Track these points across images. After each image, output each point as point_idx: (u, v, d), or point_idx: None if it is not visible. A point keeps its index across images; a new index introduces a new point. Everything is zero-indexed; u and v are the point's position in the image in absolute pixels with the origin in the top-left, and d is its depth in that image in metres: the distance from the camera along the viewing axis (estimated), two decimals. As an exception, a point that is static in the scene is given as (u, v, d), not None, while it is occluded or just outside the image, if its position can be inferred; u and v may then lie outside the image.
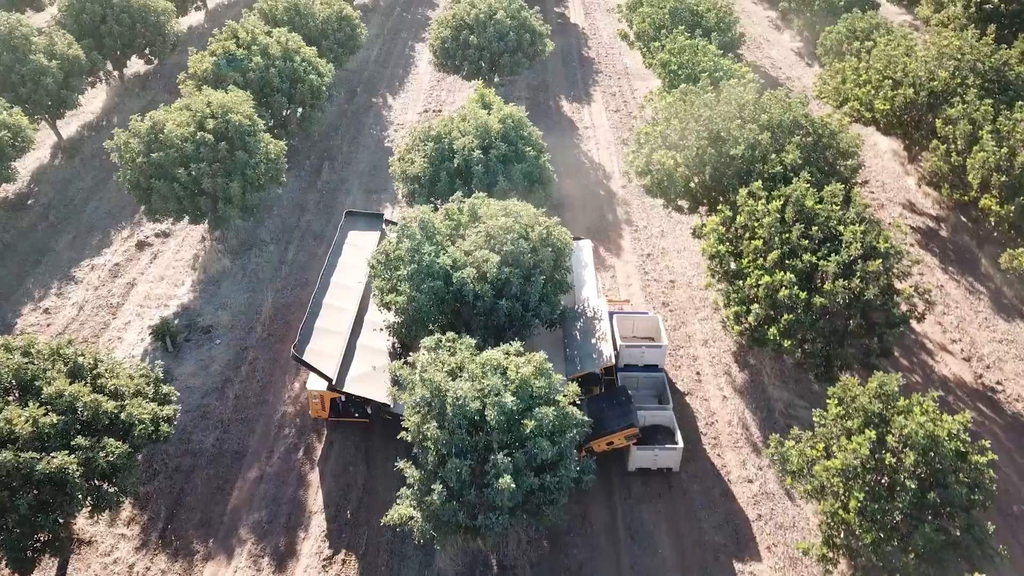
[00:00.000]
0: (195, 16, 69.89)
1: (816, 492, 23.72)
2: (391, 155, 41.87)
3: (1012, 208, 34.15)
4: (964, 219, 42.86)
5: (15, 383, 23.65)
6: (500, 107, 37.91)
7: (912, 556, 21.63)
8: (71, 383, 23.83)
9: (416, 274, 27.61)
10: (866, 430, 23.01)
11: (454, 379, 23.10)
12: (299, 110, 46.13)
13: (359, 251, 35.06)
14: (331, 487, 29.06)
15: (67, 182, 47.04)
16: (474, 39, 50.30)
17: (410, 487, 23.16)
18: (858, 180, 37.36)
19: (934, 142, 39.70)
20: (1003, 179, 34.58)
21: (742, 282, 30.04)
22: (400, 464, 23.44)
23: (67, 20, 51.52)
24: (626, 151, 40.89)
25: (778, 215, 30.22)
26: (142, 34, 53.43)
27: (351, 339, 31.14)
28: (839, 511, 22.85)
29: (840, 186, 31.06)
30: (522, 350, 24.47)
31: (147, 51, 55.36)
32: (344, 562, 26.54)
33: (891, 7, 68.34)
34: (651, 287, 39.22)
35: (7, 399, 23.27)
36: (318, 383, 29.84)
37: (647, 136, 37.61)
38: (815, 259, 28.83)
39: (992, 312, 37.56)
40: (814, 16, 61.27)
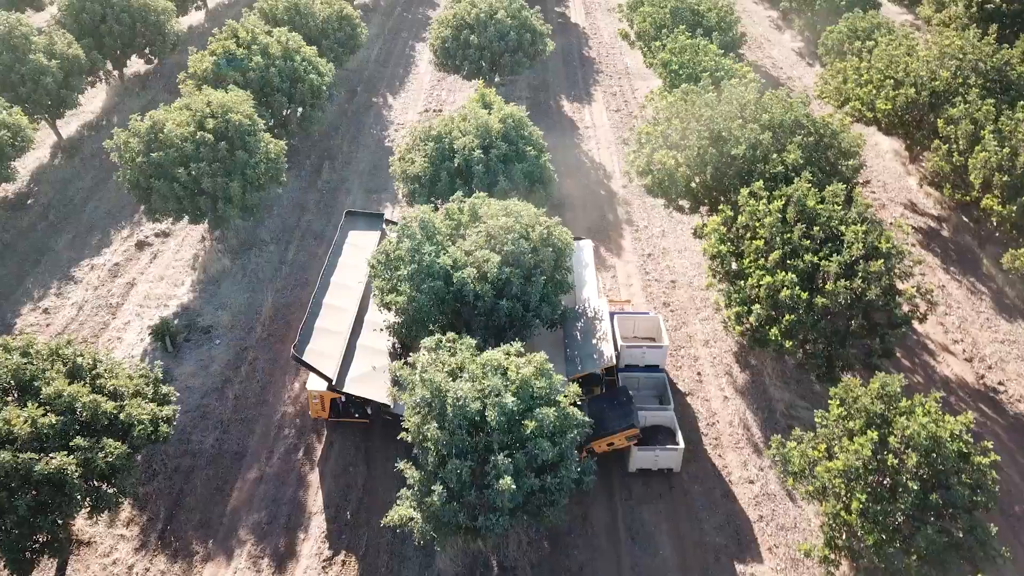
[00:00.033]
0: (195, 16, 69.84)
1: (818, 493, 23.65)
2: (391, 155, 41.82)
3: (1014, 208, 34.11)
4: (966, 219, 42.79)
5: (14, 383, 23.61)
6: (501, 107, 37.83)
7: (914, 557, 21.57)
8: (70, 383, 23.78)
9: (416, 274, 27.54)
10: (868, 431, 22.97)
11: (454, 379, 23.03)
12: (299, 110, 46.08)
13: (359, 251, 34.99)
14: (331, 488, 28.99)
15: (67, 182, 46.97)
16: (475, 39, 50.25)
17: (410, 488, 23.10)
18: (859, 180, 37.29)
19: (936, 142, 39.68)
20: (1005, 179, 34.54)
21: (743, 282, 29.98)
22: (400, 465, 23.38)
23: (67, 19, 51.49)
24: (627, 151, 40.83)
25: (779, 215, 30.16)
26: (142, 33, 53.39)
27: (351, 339, 31.09)
28: (841, 512, 22.80)
29: (841, 186, 31.03)
30: (523, 350, 24.42)
31: (147, 51, 55.35)
32: (344, 563, 26.47)
33: (892, 7, 68.22)
34: (652, 287, 39.14)
35: (6, 399, 23.22)
36: (318, 383, 29.79)
37: (648, 136, 37.55)
38: (817, 259, 28.77)
39: (994, 313, 37.48)
40: (815, 16, 61.30)
